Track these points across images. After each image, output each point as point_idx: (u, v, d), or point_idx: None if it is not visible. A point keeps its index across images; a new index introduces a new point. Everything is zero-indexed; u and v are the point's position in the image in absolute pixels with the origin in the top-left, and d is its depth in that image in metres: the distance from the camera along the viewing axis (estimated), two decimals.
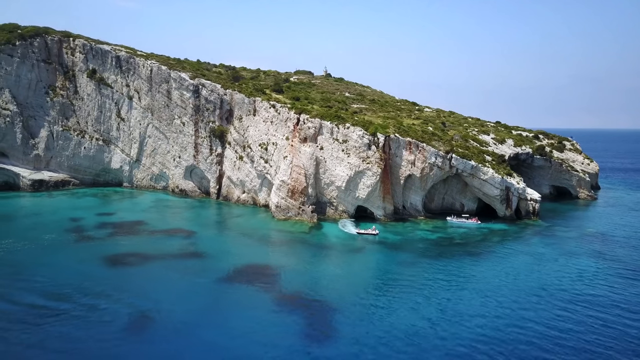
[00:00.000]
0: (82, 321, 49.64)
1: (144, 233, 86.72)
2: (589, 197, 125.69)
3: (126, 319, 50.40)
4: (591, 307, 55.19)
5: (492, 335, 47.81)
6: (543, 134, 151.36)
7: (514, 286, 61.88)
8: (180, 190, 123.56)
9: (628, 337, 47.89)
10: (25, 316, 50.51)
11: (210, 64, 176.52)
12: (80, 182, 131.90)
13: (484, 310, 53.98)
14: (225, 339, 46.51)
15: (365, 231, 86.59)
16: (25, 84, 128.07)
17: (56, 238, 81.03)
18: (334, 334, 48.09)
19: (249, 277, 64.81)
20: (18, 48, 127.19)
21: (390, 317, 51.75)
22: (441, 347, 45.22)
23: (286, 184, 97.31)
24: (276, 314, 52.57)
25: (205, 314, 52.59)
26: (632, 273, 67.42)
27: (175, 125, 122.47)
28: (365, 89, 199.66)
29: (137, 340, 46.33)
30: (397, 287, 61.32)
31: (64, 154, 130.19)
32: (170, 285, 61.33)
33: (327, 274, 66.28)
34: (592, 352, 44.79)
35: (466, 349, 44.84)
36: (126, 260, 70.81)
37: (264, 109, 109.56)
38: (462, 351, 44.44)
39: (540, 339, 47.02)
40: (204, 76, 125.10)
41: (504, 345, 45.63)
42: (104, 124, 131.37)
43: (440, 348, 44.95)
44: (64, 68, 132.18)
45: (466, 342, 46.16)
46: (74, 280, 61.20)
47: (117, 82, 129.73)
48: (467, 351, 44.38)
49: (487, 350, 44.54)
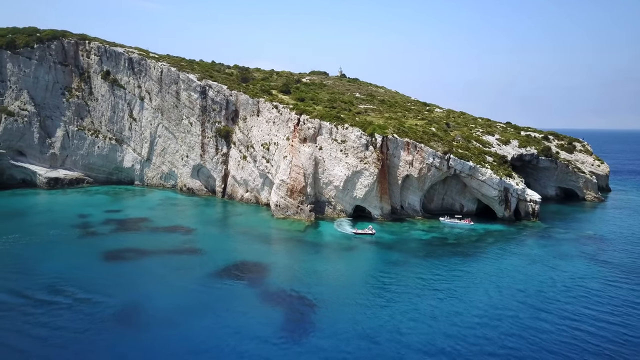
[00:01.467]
0: (70, 311, 52.43)
1: (146, 230, 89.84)
2: (595, 199, 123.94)
3: (113, 311, 52.87)
4: (561, 312, 54.92)
5: (466, 334, 48.60)
6: (554, 134, 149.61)
7: (495, 287, 62.32)
8: (187, 189, 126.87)
9: (597, 340, 48.13)
10: (16, 305, 53.58)
11: (224, 65, 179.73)
12: (94, 180, 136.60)
13: (461, 309, 54.62)
14: (205, 331, 48.43)
15: (362, 231, 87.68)
16: (43, 86, 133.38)
17: (61, 233, 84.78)
18: (311, 330, 49.56)
19: (238, 273, 66.90)
20: (36, 51, 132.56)
21: (370, 315, 52.91)
22: (416, 346, 45.88)
23: (285, 183, 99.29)
24: (259, 309, 54.33)
25: (190, 307, 54.57)
26: (619, 277, 66.75)
27: (183, 126, 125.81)
28: (377, 90, 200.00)
29: (121, 330, 48.59)
30: (381, 286, 62.39)
31: (79, 152, 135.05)
32: (162, 279, 63.81)
33: (315, 272, 67.69)
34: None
35: (443, 346, 45.70)
36: (124, 255, 73.77)
37: (267, 109, 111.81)
38: (439, 348, 45.32)
39: (507, 337, 47.69)
40: (211, 77, 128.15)
41: (476, 345, 46.45)
42: (116, 124, 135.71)
43: (414, 347, 45.65)
44: (79, 70, 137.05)
45: (442, 339, 46.98)
46: (69, 273, 64.34)
47: (130, 84, 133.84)
48: (445, 348, 45.27)
49: (460, 349, 45.32)
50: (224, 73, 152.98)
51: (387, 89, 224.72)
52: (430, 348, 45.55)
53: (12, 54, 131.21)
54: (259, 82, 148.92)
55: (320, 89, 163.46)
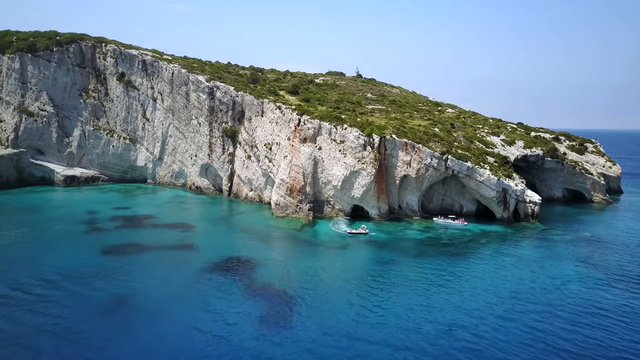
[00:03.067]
0: (63, 300, 55.77)
1: (149, 226, 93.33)
2: (603, 200, 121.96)
3: (103, 301, 55.79)
4: (527, 313, 54.92)
5: (441, 334, 49.58)
6: (565, 135, 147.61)
7: (471, 287, 62.72)
8: (196, 187, 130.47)
9: (552, 341, 48.58)
10: (14, 295, 57.19)
11: (239, 66, 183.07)
12: (109, 179, 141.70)
13: (444, 309, 55.17)
14: (185, 321, 50.83)
15: (356, 230, 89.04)
16: (61, 87, 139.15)
17: (68, 228, 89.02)
18: (289, 324, 51.15)
19: (229, 268, 69.32)
20: (55, 54, 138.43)
21: (348, 310, 54.29)
22: (394, 344, 46.80)
23: (285, 182, 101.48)
24: (242, 302, 56.28)
25: (177, 299, 56.97)
26: (608, 279, 66.28)
27: (192, 126, 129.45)
28: (392, 90, 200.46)
29: (107, 319, 51.38)
30: (364, 283, 63.71)
31: (95, 151, 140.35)
32: (154, 273, 66.29)
33: (303, 268, 69.43)
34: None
35: (423, 344, 46.73)
36: (123, 250, 77.10)
37: (270, 110, 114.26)
38: (419, 346, 46.31)
39: (480, 340, 48.55)
40: (219, 78, 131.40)
41: (436, 344, 47.58)
42: (130, 123, 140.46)
43: (391, 345, 46.52)
44: (96, 72, 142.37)
45: (421, 338, 48.06)
46: (66, 265, 67.85)
47: (143, 85, 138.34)
48: (424, 346, 46.32)
49: (440, 348, 46.28)
50: (237, 74, 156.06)
51: (403, 89, 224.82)
52: (401, 343, 46.65)
53: (32, 57, 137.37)
54: (270, 83, 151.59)
55: (332, 90, 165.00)
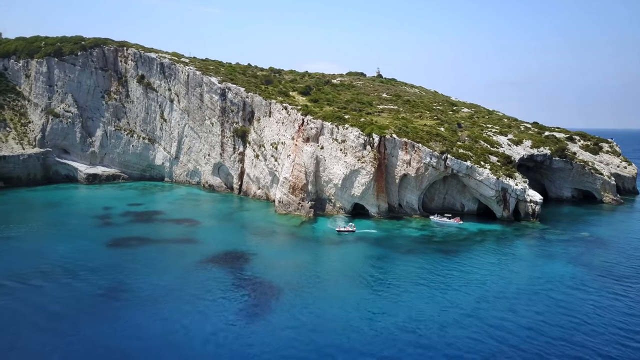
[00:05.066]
0: (63, 286, 60.42)
1: (156, 221, 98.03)
2: (614, 201, 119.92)
3: (100, 289, 60.01)
4: (514, 311, 56.13)
5: (414, 329, 51.53)
6: (581, 135, 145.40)
7: (454, 284, 64.16)
8: (209, 186, 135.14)
9: (516, 340, 49.68)
10: (15, 282, 62.16)
11: (257, 67, 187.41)
12: (129, 177, 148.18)
13: (421, 306, 56.51)
14: (173, 308, 54.52)
15: (344, 228, 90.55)
16: (85, 89, 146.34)
17: (80, 222, 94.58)
18: (265, 314, 53.97)
19: (223, 260, 72.83)
20: (79, 58, 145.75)
21: (328, 302, 56.63)
22: (367, 339, 48.46)
23: (288, 180, 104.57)
24: (227, 292, 59.56)
25: (168, 288, 60.66)
26: (588, 278, 66.45)
27: (205, 126, 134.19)
28: (410, 90, 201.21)
29: (103, 305, 55.46)
30: (348, 277, 66.17)
31: (115, 151, 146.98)
32: (151, 264, 70.32)
33: (293, 263, 72.19)
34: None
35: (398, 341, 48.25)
36: (127, 243, 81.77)
37: (277, 110, 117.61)
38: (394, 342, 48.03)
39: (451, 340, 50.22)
40: (232, 80, 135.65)
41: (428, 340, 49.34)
42: (149, 124, 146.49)
43: (363, 340, 47.99)
44: (118, 74, 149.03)
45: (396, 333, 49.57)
46: (71, 256, 72.75)
47: (161, 87, 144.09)
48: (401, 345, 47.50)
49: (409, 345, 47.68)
50: (253, 75, 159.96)
51: (424, 89, 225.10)
52: (369, 336, 48.92)
53: (59, 61, 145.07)
54: (283, 84, 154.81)
55: (347, 90, 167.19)
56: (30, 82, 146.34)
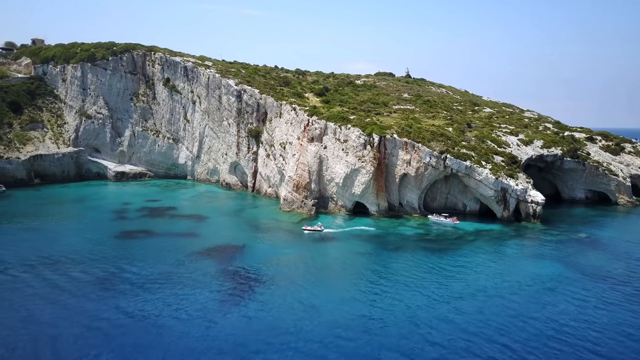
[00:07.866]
0: (67, 273, 66.25)
1: (167, 216, 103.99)
2: (629, 203, 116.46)
3: (100, 276, 65.22)
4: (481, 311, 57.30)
5: (391, 326, 54.11)
6: (603, 135, 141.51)
7: (438, 281, 65.59)
8: (226, 184, 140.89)
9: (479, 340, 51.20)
10: (21, 268, 68.84)
11: (284, 69, 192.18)
12: (154, 175, 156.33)
13: (407, 303, 57.92)
14: (161, 295, 58.79)
15: (312, 228, 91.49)
16: (115, 92, 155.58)
17: (97, 216, 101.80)
18: (246, 303, 57.39)
19: (217, 253, 77.14)
20: (110, 62, 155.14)
21: (309, 294, 59.51)
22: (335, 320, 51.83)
23: (292, 179, 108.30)
24: (212, 282, 63.55)
25: (161, 276, 65.36)
26: (571, 280, 66.25)
27: (223, 126, 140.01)
28: (437, 90, 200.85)
29: (100, 291, 60.43)
30: (334, 271, 69.25)
31: (142, 150, 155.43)
32: (151, 254, 75.21)
33: (281, 256, 75.51)
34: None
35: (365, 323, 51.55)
36: (134, 235, 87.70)
37: (287, 111, 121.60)
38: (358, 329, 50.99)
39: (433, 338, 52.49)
40: (248, 82, 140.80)
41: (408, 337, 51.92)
42: (174, 125, 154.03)
43: (345, 338, 49.72)
44: (145, 78, 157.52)
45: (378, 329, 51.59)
46: (79, 245, 79.24)
47: (185, 89, 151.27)
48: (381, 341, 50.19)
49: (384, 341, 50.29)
50: (276, 77, 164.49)
51: (453, 88, 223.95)
52: (348, 327, 51.87)
53: (91, 66, 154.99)
54: (302, 85, 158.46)
55: (368, 91, 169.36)
56: (66, 85, 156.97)
